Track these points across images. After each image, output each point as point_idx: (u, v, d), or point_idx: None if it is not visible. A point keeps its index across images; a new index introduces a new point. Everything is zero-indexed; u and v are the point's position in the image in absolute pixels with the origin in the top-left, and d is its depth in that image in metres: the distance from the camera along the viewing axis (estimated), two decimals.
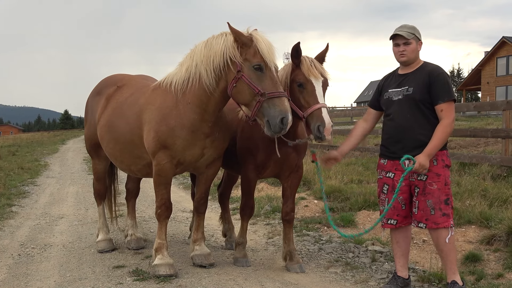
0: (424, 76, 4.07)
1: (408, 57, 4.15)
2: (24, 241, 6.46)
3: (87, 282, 4.74)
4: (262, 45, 4.23)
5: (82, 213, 8.51)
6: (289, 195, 5.08)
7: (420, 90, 4.04)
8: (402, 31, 4.13)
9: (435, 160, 4.02)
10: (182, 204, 9.25)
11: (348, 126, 26.57)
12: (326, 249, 5.80)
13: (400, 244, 4.35)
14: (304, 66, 4.38)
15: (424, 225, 4.07)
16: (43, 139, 44.32)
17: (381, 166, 4.39)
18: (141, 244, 6.04)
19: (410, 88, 4.11)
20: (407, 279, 4.35)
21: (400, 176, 4.08)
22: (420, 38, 4.17)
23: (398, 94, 4.19)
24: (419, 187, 4.07)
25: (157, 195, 4.89)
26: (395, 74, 4.36)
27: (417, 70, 4.16)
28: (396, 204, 4.22)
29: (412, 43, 4.12)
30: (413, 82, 4.11)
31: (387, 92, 4.30)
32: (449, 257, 4.06)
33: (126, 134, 5.08)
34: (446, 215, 4.01)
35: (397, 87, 4.22)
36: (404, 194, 4.20)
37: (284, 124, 4.07)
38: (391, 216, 4.27)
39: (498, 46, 43.79)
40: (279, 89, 4.18)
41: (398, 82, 4.23)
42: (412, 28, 4.16)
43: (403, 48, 4.13)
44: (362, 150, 13.60)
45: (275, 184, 9.67)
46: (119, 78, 5.84)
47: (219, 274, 4.90)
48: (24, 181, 12.91)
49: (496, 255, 5.16)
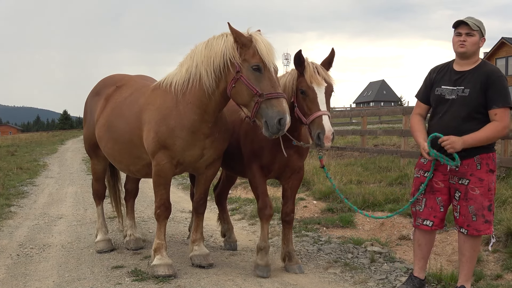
0: (482, 77, 3.86)
1: (467, 49, 3.91)
2: (23, 241, 6.45)
3: (85, 283, 4.73)
4: (261, 46, 4.21)
5: (81, 214, 8.51)
6: (289, 196, 5.06)
7: (476, 93, 3.84)
8: (469, 20, 3.90)
9: (478, 164, 3.86)
10: (181, 204, 9.25)
11: (347, 127, 26.60)
12: (325, 250, 5.80)
13: (422, 247, 4.22)
14: (307, 73, 4.36)
15: (466, 231, 3.92)
16: (42, 139, 44.27)
17: (420, 165, 4.20)
18: (140, 245, 6.03)
19: (466, 89, 3.89)
20: (423, 280, 4.27)
21: (439, 177, 3.99)
22: (484, 34, 3.94)
23: (452, 93, 3.96)
24: (461, 191, 3.92)
25: (156, 196, 4.88)
26: (449, 68, 4.10)
27: (475, 69, 3.94)
28: (434, 205, 4.08)
29: (475, 36, 3.89)
30: (470, 83, 3.90)
31: (439, 88, 4.06)
32: (469, 263, 3.98)
33: (125, 134, 5.08)
34: (488, 222, 3.87)
35: (452, 85, 3.99)
36: (443, 195, 4.05)
37: (282, 125, 4.05)
38: (428, 217, 4.10)
39: (497, 47, 43.86)
40: (278, 90, 4.16)
41: (454, 79, 4.00)
42: (479, 22, 3.93)
43: (465, 38, 3.90)
44: (361, 151, 13.61)
45: (275, 184, 9.67)
46: (118, 78, 5.83)
47: (218, 274, 4.89)
48: (23, 181, 12.90)
49: (495, 256, 5.16)
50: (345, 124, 30.59)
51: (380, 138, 18.38)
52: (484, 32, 3.96)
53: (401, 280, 4.67)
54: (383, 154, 12.61)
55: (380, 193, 7.62)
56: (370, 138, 18.15)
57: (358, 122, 27.39)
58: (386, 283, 4.67)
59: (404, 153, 11.11)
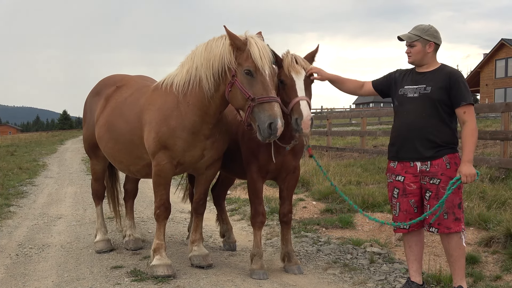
0: (443, 77, 3.98)
1: (413, 59, 4.11)
2: (22, 241, 6.45)
3: (85, 283, 4.73)
4: (255, 49, 4.16)
5: (80, 214, 8.50)
6: (286, 196, 5.06)
7: (438, 90, 3.96)
8: (406, 33, 4.10)
9: (448, 163, 3.96)
10: (180, 205, 9.22)
11: (346, 128, 26.60)
12: (324, 251, 5.80)
13: (413, 248, 4.26)
14: (285, 63, 4.37)
15: (436, 229, 4.00)
16: (42, 139, 44.26)
17: (391, 169, 4.26)
18: (139, 245, 6.03)
19: (428, 87, 4.01)
20: (421, 285, 4.26)
21: (411, 179, 4.05)
22: (431, 39, 4.05)
23: (414, 91, 4.09)
24: (432, 191, 3.99)
25: (156, 196, 4.88)
26: (412, 71, 4.25)
27: (435, 70, 4.08)
28: (408, 207, 4.14)
29: (417, 45, 4.05)
30: (431, 81, 4.02)
31: (402, 88, 4.19)
32: (458, 262, 4.02)
33: (125, 134, 5.08)
34: (458, 220, 3.95)
35: (413, 84, 4.12)
36: (415, 197, 4.12)
37: (273, 129, 4.00)
38: (403, 220, 4.17)
39: (497, 48, 43.83)
40: (270, 94, 4.10)
41: (416, 79, 4.13)
42: (420, 30, 4.07)
43: (408, 50, 4.11)
44: (360, 151, 13.61)
45: (273, 185, 9.66)
46: (118, 78, 5.83)
47: (217, 275, 4.89)
48: (22, 181, 12.89)
49: (495, 257, 5.16)
50: (345, 125, 30.59)
51: (379, 139, 18.38)
52: (430, 37, 4.04)
53: (400, 281, 4.67)
54: (383, 155, 12.60)
55: (379, 194, 7.62)
56: (369, 139, 18.16)
57: (357, 123, 27.39)
58: (385, 284, 4.67)
59: None
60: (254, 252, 4.91)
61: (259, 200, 4.89)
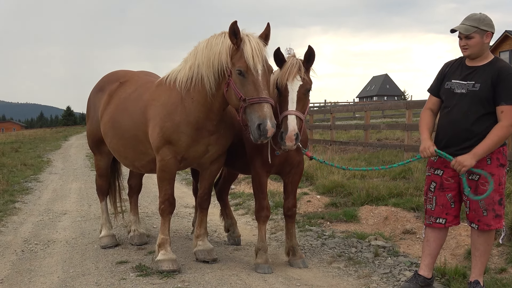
0: (493, 72, 3.79)
1: (471, 51, 3.88)
2: (28, 237, 6.48)
3: (90, 278, 4.76)
4: (247, 49, 4.10)
5: (85, 209, 8.54)
6: (291, 190, 5.08)
7: (487, 88, 3.78)
8: (462, 25, 3.87)
9: (489, 159, 3.83)
10: (185, 199, 9.26)
11: (350, 121, 26.55)
12: (329, 244, 5.80)
13: (430, 243, 4.18)
14: (284, 68, 4.29)
15: (476, 226, 3.91)
16: (46, 136, 44.37)
17: (430, 162, 4.16)
18: (144, 240, 6.05)
19: (477, 84, 3.83)
20: (430, 279, 4.20)
21: (449, 174, 3.97)
22: (488, 29, 3.83)
23: (462, 87, 3.91)
24: (471, 186, 3.86)
25: (160, 191, 4.89)
26: (462, 63, 4.04)
27: (487, 64, 3.88)
28: (444, 202, 4.06)
29: (475, 37, 3.82)
30: (481, 78, 3.83)
31: (450, 82, 4.01)
32: (482, 257, 3.96)
33: (130, 129, 5.08)
34: (498, 216, 3.87)
35: (462, 79, 3.93)
36: (453, 191, 4.03)
37: (262, 130, 3.95)
38: (440, 215, 4.08)
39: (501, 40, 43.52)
40: (261, 94, 4.04)
41: (465, 74, 3.94)
42: (476, 20, 3.84)
43: (465, 42, 3.87)
44: (364, 145, 13.58)
45: (277, 179, 9.67)
46: (122, 74, 5.83)
47: (222, 269, 4.91)
48: (27, 177, 12.93)
49: (499, 249, 5.15)
50: (348, 118, 30.55)
51: (383, 132, 18.36)
52: (486, 27, 3.84)
53: (405, 274, 4.67)
54: (387, 149, 12.59)
55: (383, 187, 7.61)
56: (373, 133, 18.13)
57: (361, 117, 27.33)
58: (390, 277, 4.67)
59: (407, 147, 11.08)
60: (258, 246, 4.93)
61: (264, 195, 4.90)
